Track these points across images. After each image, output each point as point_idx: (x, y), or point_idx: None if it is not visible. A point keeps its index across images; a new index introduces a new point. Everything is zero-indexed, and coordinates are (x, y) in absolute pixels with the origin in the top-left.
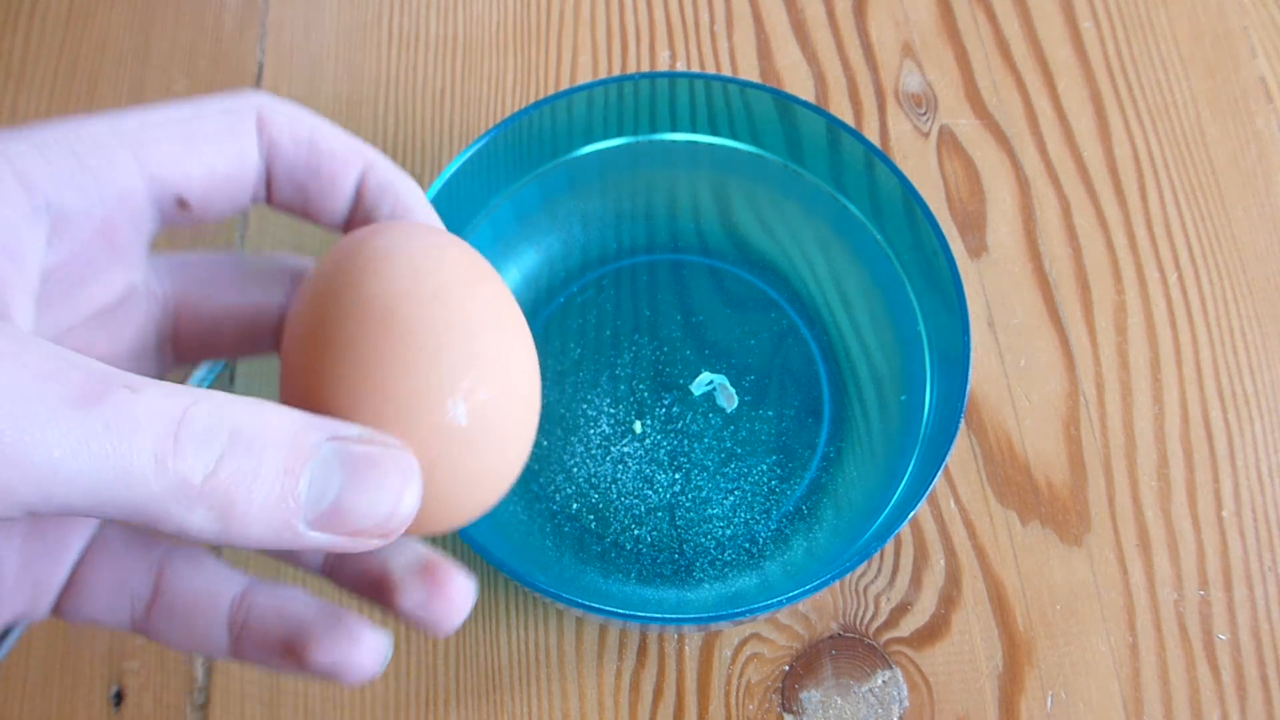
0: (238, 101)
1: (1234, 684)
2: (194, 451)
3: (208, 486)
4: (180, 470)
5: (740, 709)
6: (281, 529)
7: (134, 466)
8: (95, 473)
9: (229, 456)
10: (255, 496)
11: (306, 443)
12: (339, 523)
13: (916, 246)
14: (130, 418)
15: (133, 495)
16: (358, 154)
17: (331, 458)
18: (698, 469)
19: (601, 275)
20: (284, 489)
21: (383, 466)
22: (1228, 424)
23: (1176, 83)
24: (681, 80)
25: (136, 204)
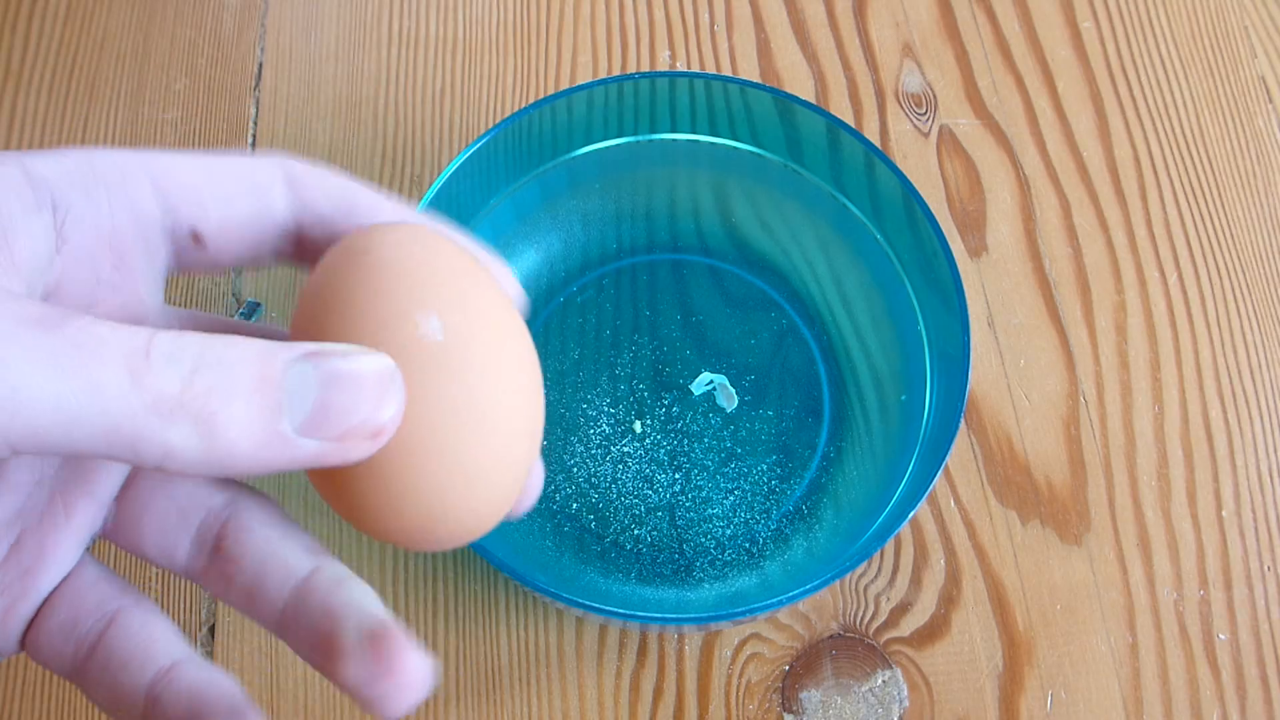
0: (266, 158)
1: (1234, 684)
2: (165, 365)
3: (186, 396)
4: (155, 383)
5: (740, 709)
6: (270, 437)
7: (107, 380)
8: (67, 391)
9: (202, 369)
10: (236, 406)
11: (277, 358)
12: (325, 424)
13: (916, 246)
14: (97, 337)
15: (108, 413)
16: (393, 211)
17: (306, 368)
18: (698, 469)
19: (601, 275)
20: (264, 397)
21: (357, 365)
22: (1228, 424)
23: (1176, 83)
24: (681, 80)
25: (148, 227)
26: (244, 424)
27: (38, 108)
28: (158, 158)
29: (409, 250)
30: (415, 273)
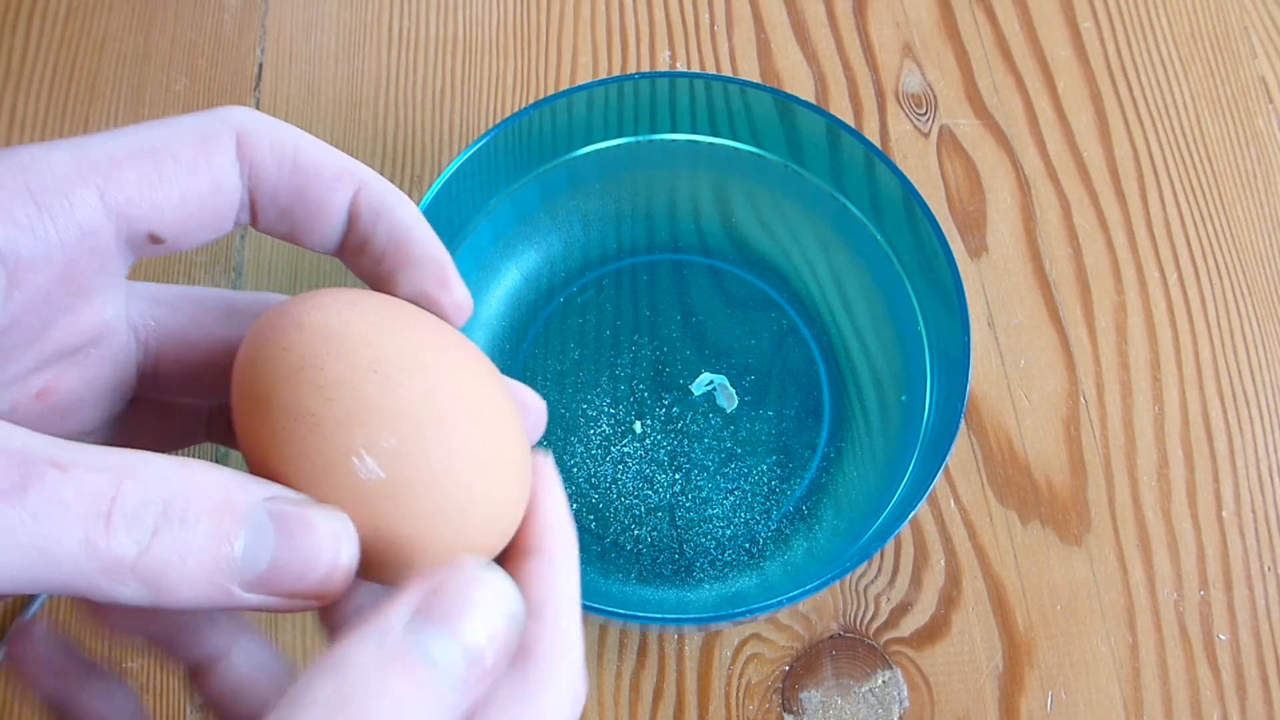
0: (214, 121)
1: (1234, 684)
2: (125, 531)
3: (140, 563)
4: (112, 551)
5: (740, 709)
6: (213, 593)
7: (62, 552)
8: (24, 562)
9: (162, 531)
10: (188, 566)
11: (239, 507)
12: (274, 584)
13: (916, 246)
14: (58, 504)
15: (61, 577)
16: (347, 173)
17: (264, 521)
18: (698, 469)
19: (601, 275)
20: (217, 556)
21: (315, 528)
22: (1228, 424)
23: (1176, 83)
24: (681, 80)
25: (102, 243)
26: (193, 583)
27: (38, 108)
28: (98, 158)
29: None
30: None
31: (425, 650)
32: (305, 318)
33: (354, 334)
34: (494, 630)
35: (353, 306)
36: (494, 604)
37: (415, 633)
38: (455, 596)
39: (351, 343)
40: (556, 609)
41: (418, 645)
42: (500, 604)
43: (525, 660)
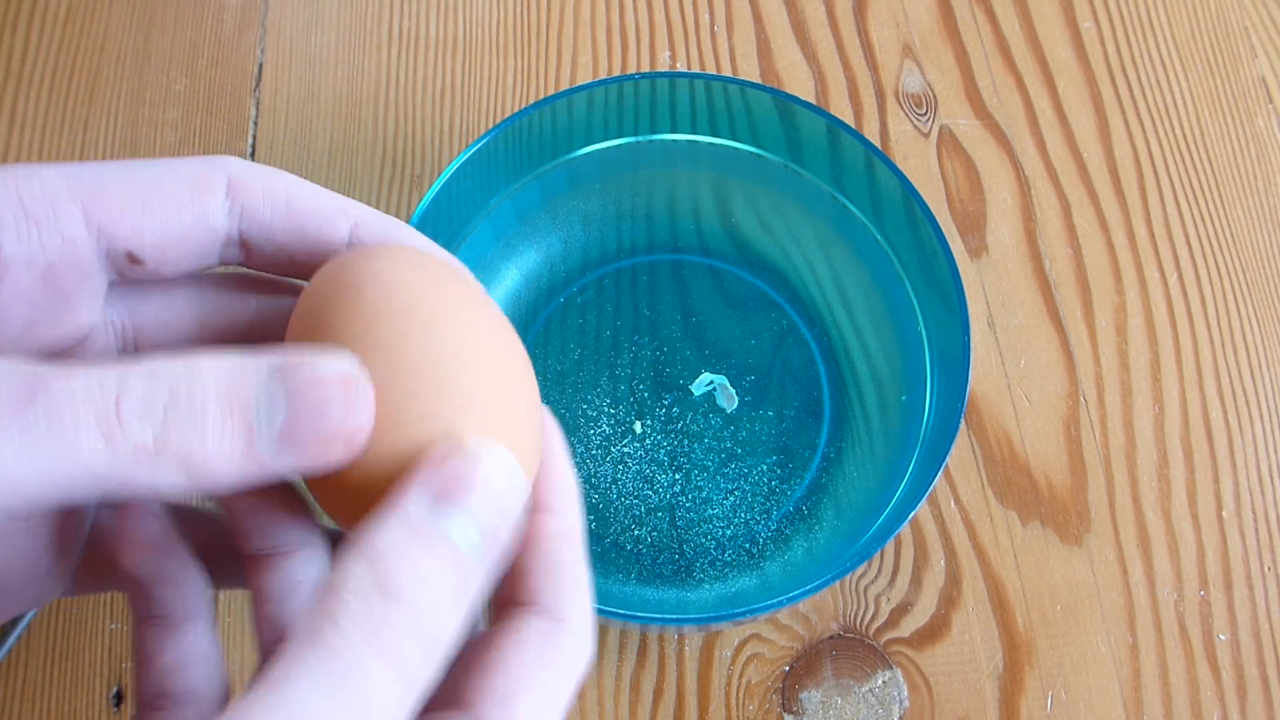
0: (207, 165)
1: (1234, 684)
2: (137, 417)
3: (162, 444)
4: (130, 437)
5: (740, 709)
6: (246, 463)
7: (85, 449)
8: (51, 466)
9: (173, 411)
10: (209, 442)
11: (246, 377)
12: (297, 439)
13: (916, 246)
14: (68, 405)
15: (94, 475)
16: (342, 212)
17: (273, 384)
18: (698, 469)
19: (601, 275)
20: (235, 426)
21: (321, 373)
22: (1228, 424)
23: (1176, 83)
24: (681, 80)
25: (82, 254)
26: (222, 455)
27: (38, 109)
28: (88, 182)
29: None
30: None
31: (446, 531)
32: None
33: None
34: (504, 505)
35: (418, 269)
36: (501, 480)
37: (435, 515)
38: (466, 477)
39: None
40: (575, 568)
41: (439, 527)
42: (506, 479)
43: (551, 621)
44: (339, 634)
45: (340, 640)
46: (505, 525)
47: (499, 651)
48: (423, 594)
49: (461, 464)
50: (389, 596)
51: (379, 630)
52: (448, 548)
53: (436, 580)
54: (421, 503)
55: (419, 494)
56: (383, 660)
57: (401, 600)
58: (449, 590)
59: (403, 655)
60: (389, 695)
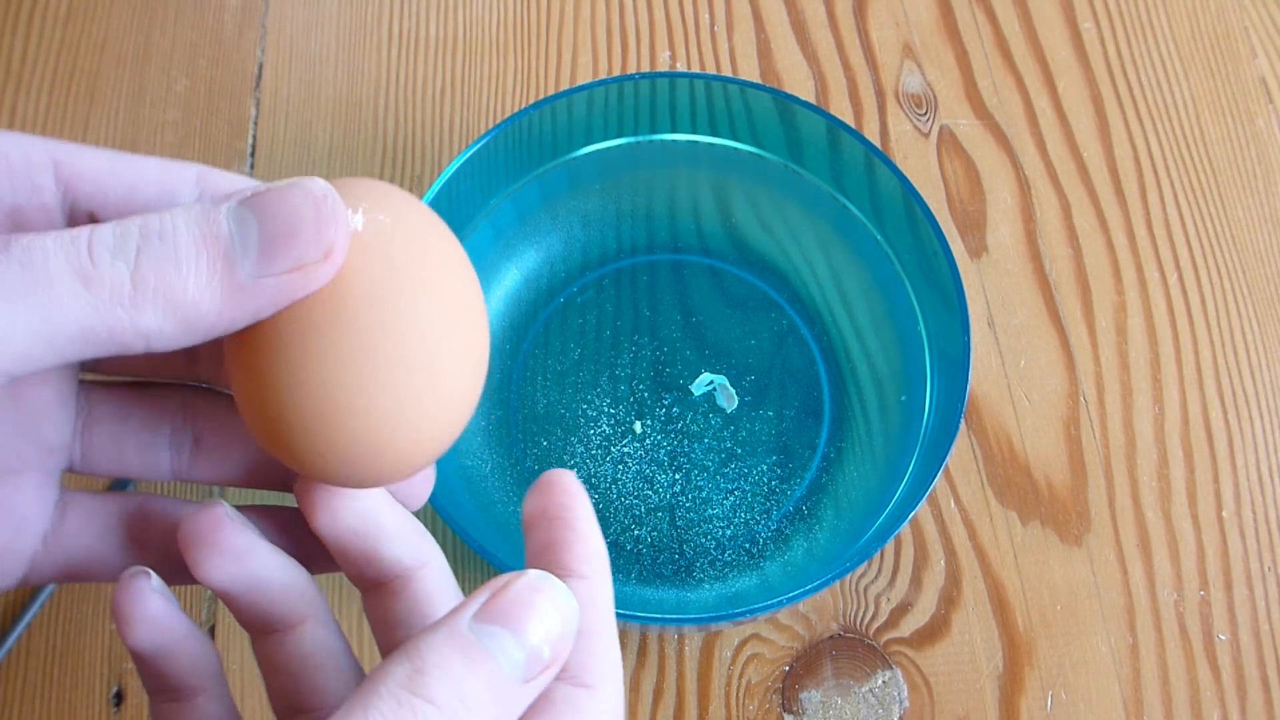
0: (180, 163)
1: (1234, 684)
2: (110, 257)
3: (138, 279)
4: (104, 275)
5: (740, 709)
6: (230, 290)
7: (63, 292)
8: (33, 315)
9: (145, 248)
10: (187, 274)
11: (215, 213)
12: (275, 257)
13: (916, 246)
14: (39, 250)
15: (77, 319)
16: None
17: (243, 212)
18: (698, 469)
19: (601, 275)
20: (211, 254)
21: (287, 194)
22: (1228, 424)
23: (1176, 83)
24: (681, 80)
25: (48, 204)
26: (202, 286)
27: (38, 109)
28: (65, 145)
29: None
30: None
31: (488, 644)
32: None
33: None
34: (552, 632)
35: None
36: (553, 609)
37: (481, 628)
38: (518, 599)
39: None
40: (602, 634)
41: (482, 639)
42: (558, 609)
43: (578, 688)
44: None
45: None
46: (555, 653)
47: (525, 717)
48: (453, 701)
49: (520, 588)
50: (420, 696)
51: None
52: (489, 663)
53: (471, 691)
54: (471, 617)
55: (472, 609)
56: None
57: (432, 701)
58: (483, 704)
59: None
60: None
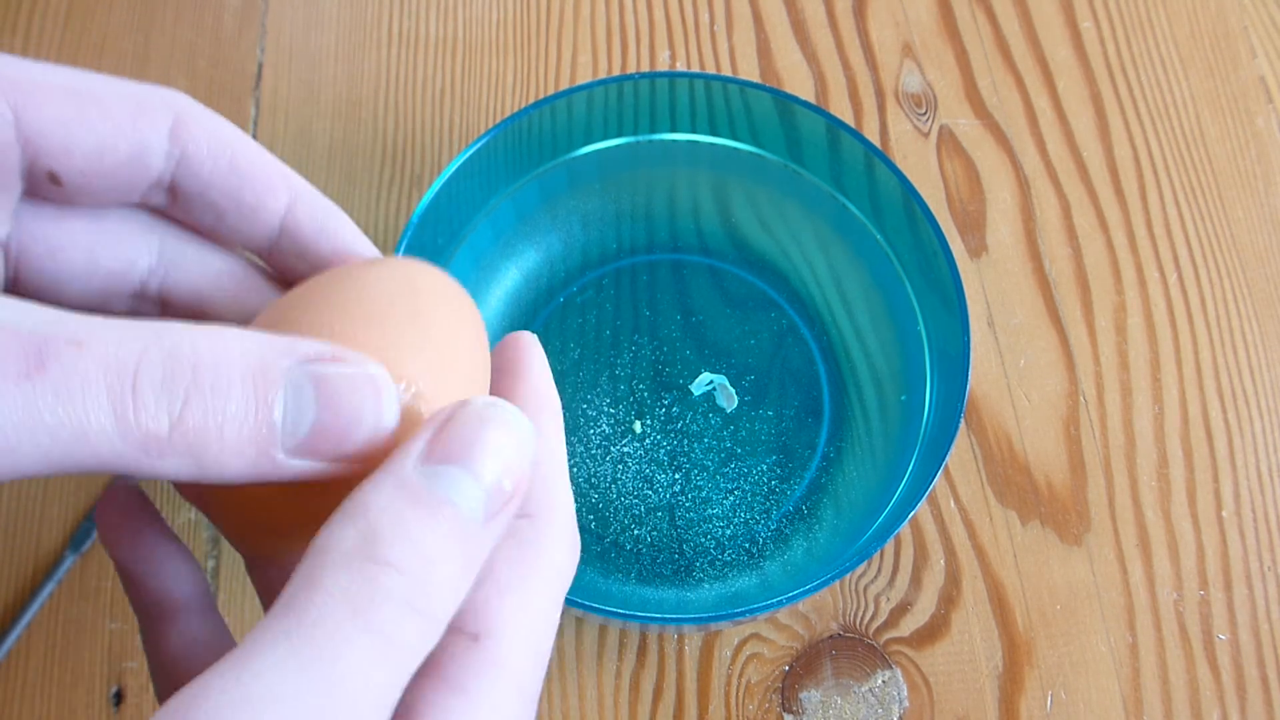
0: (153, 95)
1: (1234, 684)
2: (154, 401)
3: (176, 435)
4: (143, 423)
5: (740, 709)
6: (259, 461)
7: (92, 427)
8: (52, 442)
9: (194, 399)
10: (227, 435)
11: (276, 369)
12: (319, 448)
13: (916, 246)
14: (80, 378)
15: (98, 454)
16: (285, 182)
17: (304, 381)
18: (698, 469)
19: (601, 275)
20: (257, 421)
21: (358, 385)
22: (1228, 424)
23: (1176, 83)
24: (681, 80)
25: (5, 159)
26: (236, 452)
27: None
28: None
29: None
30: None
31: (442, 488)
32: None
33: None
34: (510, 462)
35: None
36: (506, 435)
37: (430, 471)
38: (466, 431)
39: None
40: (547, 471)
41: (433, 483)
42: (512, 435)
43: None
44: (316, 602)
45: (318, 610)
46: (515, 484)
47: None
48: (415, 560)
49: (466, 418)
50: (378, 562)
51: (366, 601)
52: (446, 510)
53: (432, 545)
54: (420, 463)
55: (418, 453)
56: (368, 635)
57: (393, 567)
58: (450, 559)
59: (392, 630)
60: (370, 674)
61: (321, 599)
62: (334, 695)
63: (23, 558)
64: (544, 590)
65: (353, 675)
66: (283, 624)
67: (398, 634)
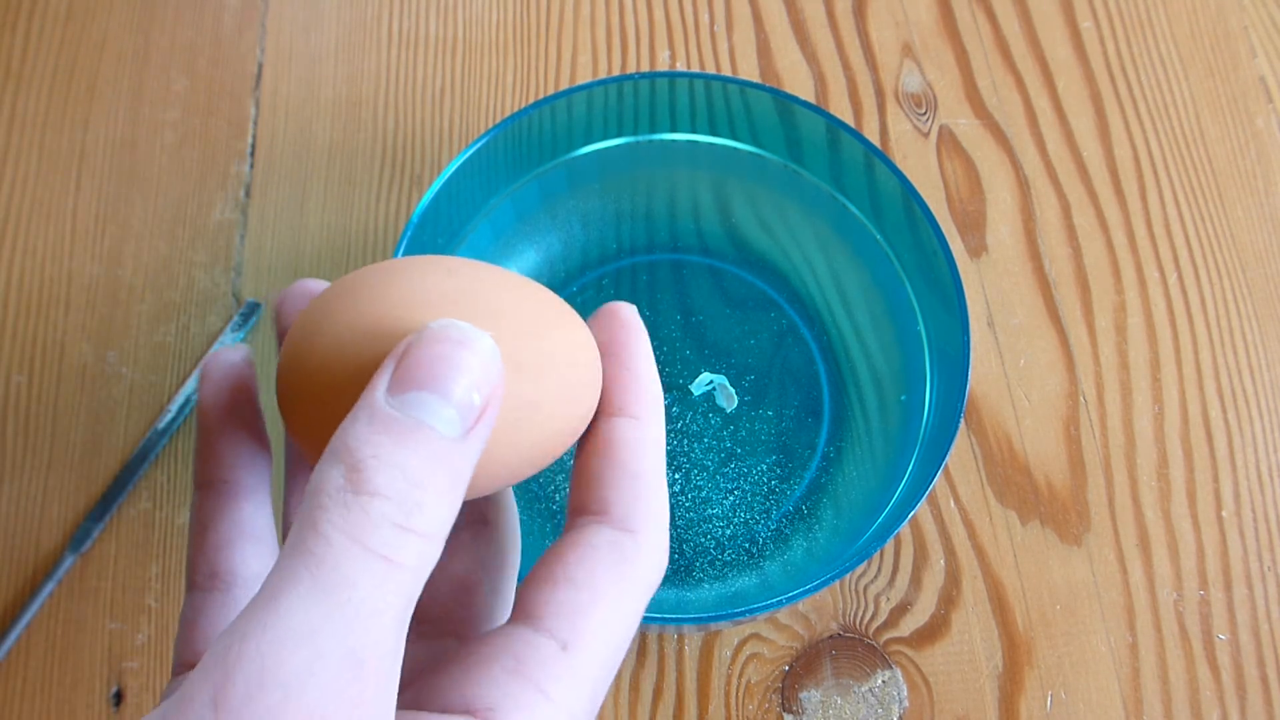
0: None
1: (1234, 684)
2: None
3: None
4: None
5: (740, 709)
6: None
7: None
8: None
9: None
10: None
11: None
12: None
13: (916, 246)
14: None
15: None
16: None
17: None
18: (697, 469)
19: (601, 275)
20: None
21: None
22: (1228, 424)
23: (1176, 83)
24: (681, 80)
25: None
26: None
27: (38, 108)
28: None
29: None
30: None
31: (414, 413)
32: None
33: None
34: (476, 376)
35: None
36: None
37: (400, 399)
38: (426, 357)
39: None
40: (650, 477)
41: (405, 411)
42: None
43: (622, 533)
44: (320, 539)
45: (323, 546)
46: (486, 395)
47: (567, 565)
48: (400, 485)
49: (425, 346)
50: (365, 493)
51: (359, 529)
52: (422, 432)
53: (415, 468)
54: (385, 392)
55: (384, 385)
56: (368, 559)
57: (377, 493)
58: (434, 478)
59: (393, 552)
60: (382, 595)
61: (324, 536)
62: (354, 619)
63: (23, 558)
64: (633, 607)
65: (367, 599)
66: (294, 564)
67: (398, 555)
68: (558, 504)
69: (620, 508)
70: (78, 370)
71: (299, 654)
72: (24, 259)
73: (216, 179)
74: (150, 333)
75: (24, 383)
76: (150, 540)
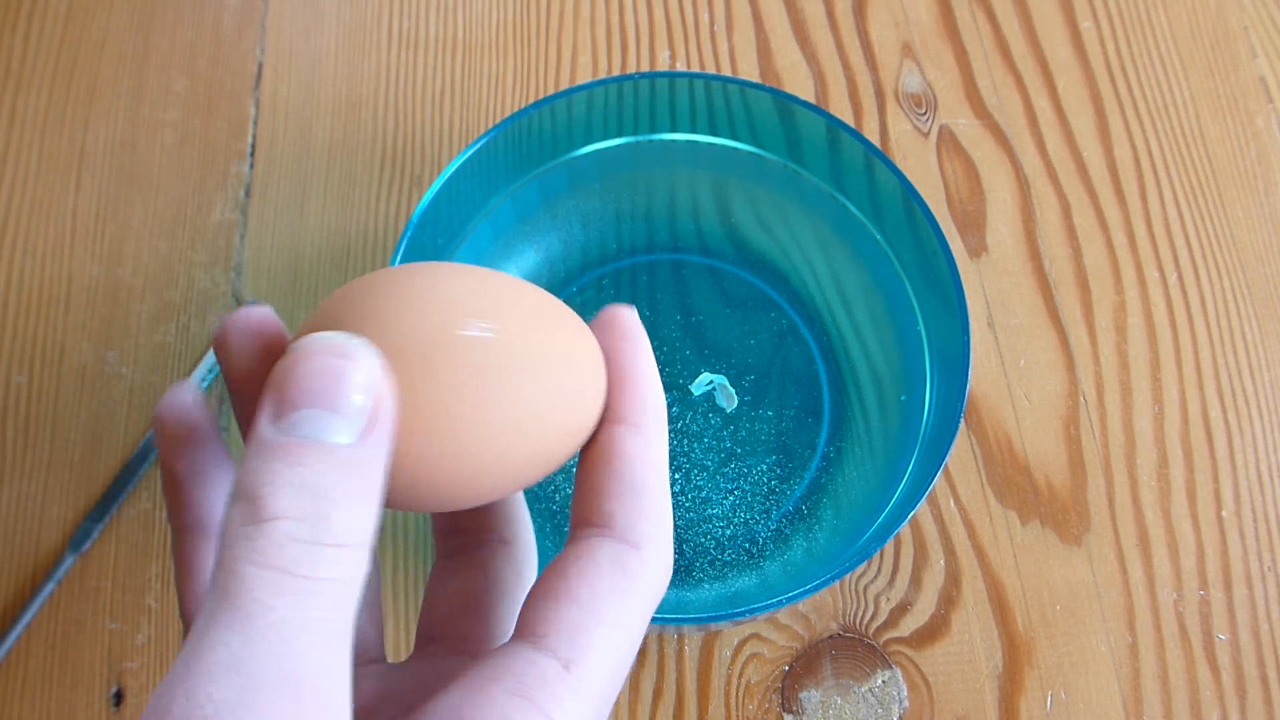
0: None
1: (1234, 684)
2: None
3: None
4: None
5: (740, 709)
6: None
7: None
8: None
9: None
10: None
11: None
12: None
13: (916, 246)
14: None
15: None
16: None
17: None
18: (697, 469)
19: (601, 275)
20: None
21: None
22: (1228, 424)
23: (1176, 83)
24: (681, 80)
25: None
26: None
27: (38, 108)
28: None
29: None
30: (462, 286)
31: (303, 433)
32: None
33: None
34: (358, 381)
35: None
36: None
37: (285, 425)
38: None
39: None
40: (653, 489)
41: (292, 434)
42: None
43: (625, 547)
44: (230, 575)
45: (235, 581)
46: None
47: (569, 581)
48: (302, 503)
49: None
50: (264, 519)
51: (264, 554)
52: (313, 449)
53: (313, 482)
54: (269, 423)
55: (265, 417)
56: (280, 579)
57: (278, 516)
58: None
59: (308, 570)
60: (303, 613)
61: (233, 571)
62: (278, 641)
63: (23, 558)
64: (636, 623)
65: (287, 619)
66: (211, 605)
67: (314, 570)
68: (558, 504)
69: (623, 520)
70: (78, 370)
71: (227, 686)
72: (24, 259)
73: (216, 179)
74: (150, 333)
75: (24, 383)
76: (150, 540)
